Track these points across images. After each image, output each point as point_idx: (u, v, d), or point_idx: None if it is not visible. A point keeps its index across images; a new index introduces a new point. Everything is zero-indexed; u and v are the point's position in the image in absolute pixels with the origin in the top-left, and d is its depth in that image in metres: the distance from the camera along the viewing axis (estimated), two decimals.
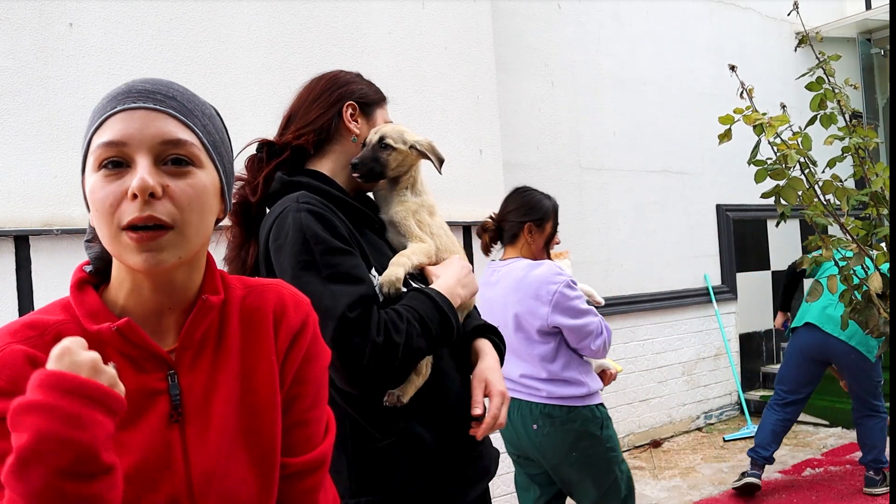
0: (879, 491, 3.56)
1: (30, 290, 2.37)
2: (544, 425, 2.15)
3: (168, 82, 0.81)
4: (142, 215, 0.73)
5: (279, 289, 0.91)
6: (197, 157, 0.78)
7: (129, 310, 0.81)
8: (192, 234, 0.77)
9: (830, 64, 2.22)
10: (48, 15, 2.48)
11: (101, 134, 0.76)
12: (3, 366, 0.72)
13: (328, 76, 1.42)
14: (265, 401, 0.85)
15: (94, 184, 0.75)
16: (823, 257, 2.31)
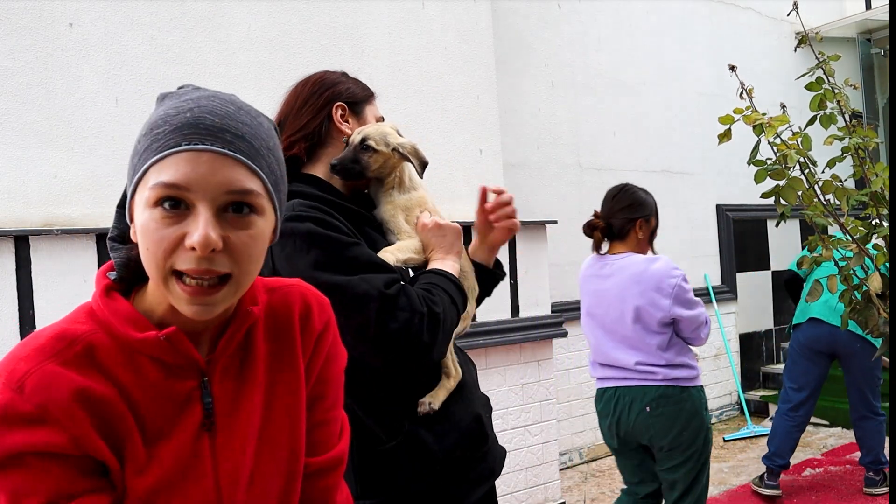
0: (879, 491, 3.56)
1: (30, 290, 2.37)
2: (659, 406, 2.30)
3: (235, 110, 0.74)
4: (199, 268, 0.70)
5: (301, 289, 0.90)
6: (260, 205, 0.74)
7: (167, 322, 0.77)
8: (246, 282, 0.75)
9: (830, 64, 2.22)
10: (48, 15, 2.48)
11: (161, 170, 0.70)
12: (33, 390, 0.68)
13: (314, 79, 1.41)
14: (292, 404, 0.84)
15: (148, 221, 0.71)
16: (823, 257, 2.31)
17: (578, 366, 4.42)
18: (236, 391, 0.81)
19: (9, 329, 2.34)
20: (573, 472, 4.21)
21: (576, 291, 4.45)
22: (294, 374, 0.85)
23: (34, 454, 0.67)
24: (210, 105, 0.73)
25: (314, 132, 1.35)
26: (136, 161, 0.74)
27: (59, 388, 0.69)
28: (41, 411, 0.68)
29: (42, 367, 0.70)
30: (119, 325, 0.75)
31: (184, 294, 0.71)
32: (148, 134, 0.74)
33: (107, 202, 2.57)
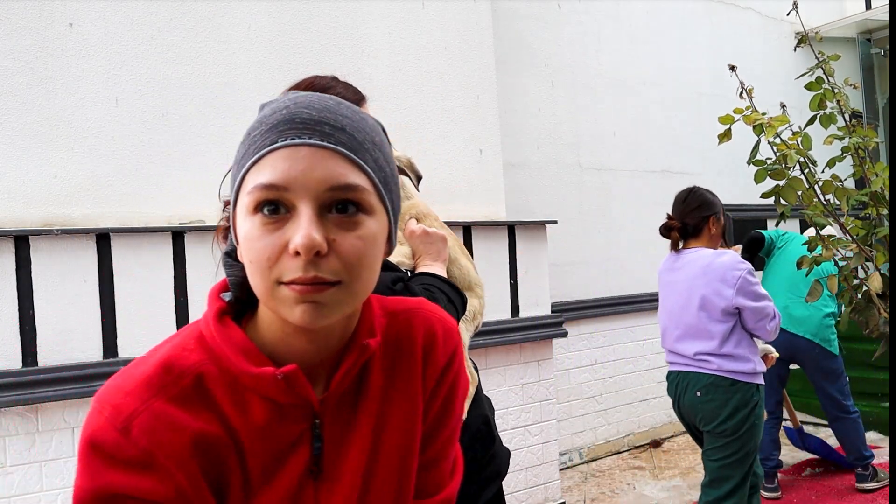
0: (872, 486, 3.59)
1: (30, 290, 2.37)
2: (708, 392, 2.48)
3: (335, 104, 0.68)
4: (306, 276, 0.62)
5: (426, 314, 0.81)
6: (367, 202, 0.66)
7: (279, 355, 0.71)
8: (359, 289, 0.67)
9: (830, 64, 2.22)
10: (48, 15, 2.48)
11: (258, 172, 0.64)
12: (141, 433, 0.64)
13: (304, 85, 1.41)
14: (404, 445, 0.77)
15: (249, 231, 0.64)
16: (823, 257, 2.31)
17: (578, 366, 4.42)
18: (346, 433, 0.74)
19: (9, 329, 2.34)
20: (573, 472, 4.21)
21: (576, 291, 4.47)
22: (411, 411, 0.77)
23: (135, 499, 0.63)
24: (307, 100, 0.67)
25: None
26: (235, 170, 0.69)
27: (167, 432, 0.64)
28: (148, 457, 0.63)
29: (150, 405, 0.65)
30: (233, 358, 0.68)
31: (291, 293, 0.63)
32: (245, 140, 0.68)
33: (107, 202, 2.57)
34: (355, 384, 0.75)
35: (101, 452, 0.64)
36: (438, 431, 0.82)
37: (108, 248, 2.51)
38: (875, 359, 3.20)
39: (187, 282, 2.64)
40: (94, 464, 0.64)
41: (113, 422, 0.64)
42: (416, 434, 0.78)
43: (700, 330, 2.51)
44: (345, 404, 0.74)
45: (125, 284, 2.53)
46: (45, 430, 2.39)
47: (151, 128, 2.66)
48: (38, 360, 2.38)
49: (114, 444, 0.64)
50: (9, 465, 2.33)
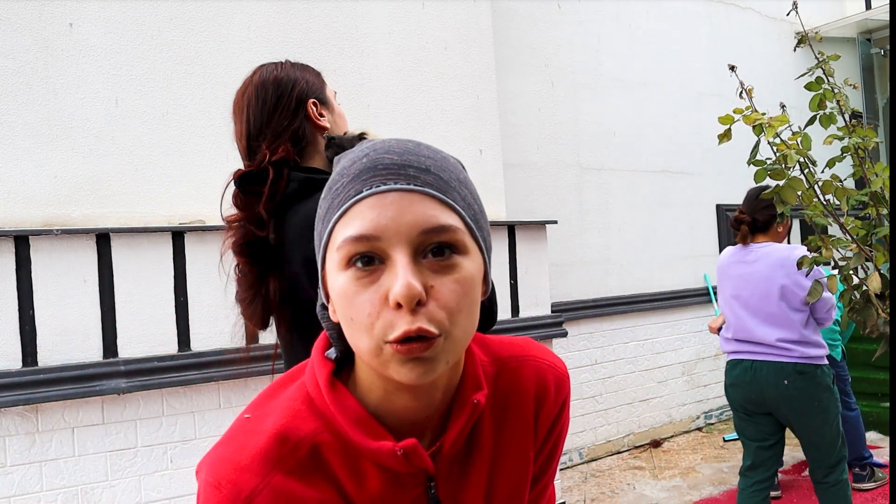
0: (868, 486, 3.59)
1: (30, 290, 2.37)
2: (796, 381, 2.63)
3: (415, 146, 0.66)
4: (411, 328, 0.59)
5: (537, 363, 0.79)
6: (462, 242, 0.63)
7: (382, 414, 0.69)
8: (461, 336, 0.64)
9: (829, 64, 2.22)
10: (48, 15, 2.48)
11: (345, 225, 0.62)
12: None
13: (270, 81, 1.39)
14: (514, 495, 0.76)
15: (345, 286, 0.62)
16: (823, 257, 2.31)
17: (578, 366, 4.42)
18: (459, 491, 0.73)
19: (9, 329, 2.34)
20: (573, 472, 4.21)
21: (576, 291, 4.46)
22: (522, 463, 0.76)
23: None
24: (386, 146, 0.65)
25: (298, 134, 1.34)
26: (321, 226, 0.66)
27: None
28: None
29: (269, 481, 0.63)
30: (349, 429, 0.66)
31: (398, 354, 0.60)
32: (327, 194, 0.66)
33: (107, 202, 2.57)
34: (466, 440, 0.73)
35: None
36: (542, 475, 0.82)
37: (107, 248, 2.51)
38: (875, 359, 3.20)
39: (187, 282, 2.64)
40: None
41: (234, 500, 0.62)
42: (527, 482, 0.77)
43: (781, 318, 2.67)
44: (456, 462, 0.72)
45: (125, 284, 2.53)
46: (44, 430, 2.39)
47: (151, 128, 2.66)
48: (38, 360, 2.38)
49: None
50: (9, 465, 2.33)
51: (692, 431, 4.99)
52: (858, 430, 3.66)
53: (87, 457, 2.43)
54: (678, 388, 4.99)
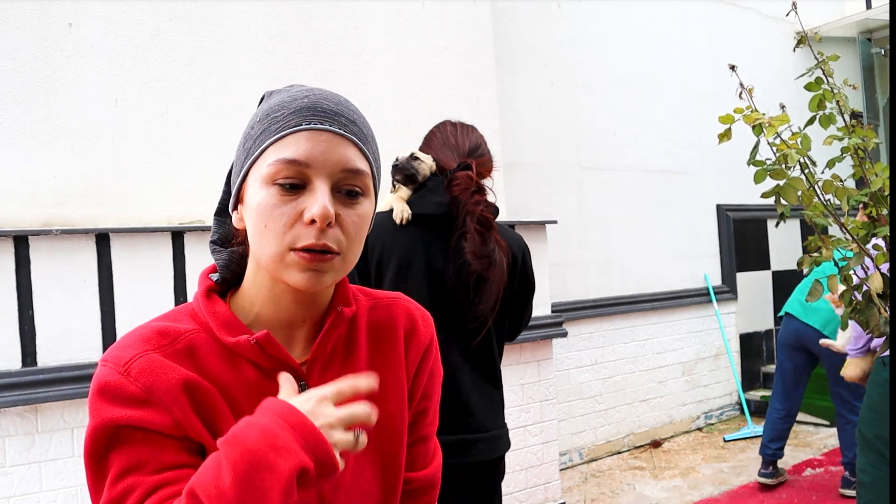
0: (852, 493, 3.56)
1: (29, 290, 2.37)
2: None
3: (346, 101, 0.79)
4: (318, 243, 0.72)
5: (406, 303, 0.92)
6: (367, 186, 0.77)
7: (263, 320, 0.80)
8: (351, 259, 0.77)
9: (829, 64, 2.22)
10: (48, 15, 2.48)
11: (280, 148, 0.74)
12: (140, 372, 0.72)
13: (484, 146, 1.93)
14: (393, 416, 0.85)
15: (266, 199, 0.74)
16: (823, 257, 2.31)
17: (578, 366, 4.42)
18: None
19: (8, 329, 2.34)
20: (573, 472, 4.21)
21: (576, 291, 4.46)
22: (397, 383, 0.86)
23: (140, 429, 0.70)
24: (324, 94, 0.78)
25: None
26: (251, 144, 0.77)
27: (163, 373, 0.72)
28: (147, 393, 0.71)
29: (146, 354, 0.73)
30: (216, 328, 0.78)
31: (299, 261, 0.73)
32: (264, 119, 0.77)
33: (107, 202, 2.57)
34: (342, 354, 0.83)
35: (106, 394, 0.72)
36: (426, 409, 0.91)
37: (107, 249, 2.51)
38: (875, 359, 3.20)
39: (187, 282, 2.64)
40: (101, 405, 0.72)
41: (115, 368, 0.72)
42: (404, 405, 0.86)
43: None
44: (332, 371, 0.81)
45: (125, 284, 2.53)
46: (44, 430, 2.39)
47: (151, 128, 2.66)
48: (38, 361, 2.38)
49: (116, 385, 0.71)
50: (8, 465, 2.33)
51: (692, 431, 4.99)
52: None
53: None
54: (678, 389, 4.98)
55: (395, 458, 0.85)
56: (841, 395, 3.63)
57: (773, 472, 3.78)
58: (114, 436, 0.70)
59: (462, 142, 1.84)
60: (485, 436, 1.71)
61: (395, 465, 0.85)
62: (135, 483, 0.68)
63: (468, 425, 1.67)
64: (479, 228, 1.67)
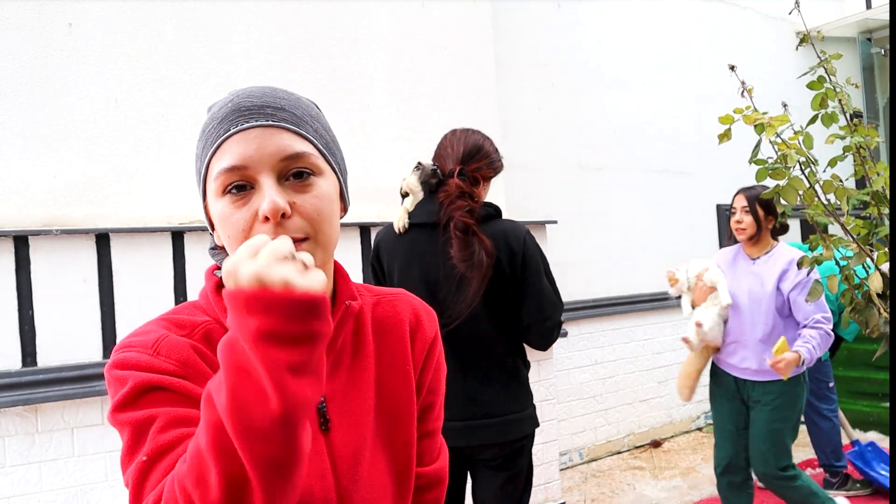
0: (833, 493, 3.54)
1: (29, 290, 2.37)
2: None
3: (271, 90, 0.78)
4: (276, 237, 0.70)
5: (409, 299, 0.93)
6: (316, 165, 0.76)
7: None
8: (325, 241, 0.76)
9: (832, 63, 2.22)
10: (48, 15, 2.48)
11: (219, 159, 0.74)
12: (171, 349, 0.72)
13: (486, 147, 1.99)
14: (402, 409, 0.86)
15: (221, 210, 0.74)
16: (824, 257, 2.31)
17: (578, 366, 4.42)
18: (348, 390, 0.82)
19: (8, 329, 2.34)
20: (573, 472, 4.21)
21: (576, 291, 4.46)
22: (405, 377, 0.86)
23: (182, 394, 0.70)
24: (247, 91, 0.78)
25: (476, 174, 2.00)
26: (199, 164, 0.78)
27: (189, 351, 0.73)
28: (182, 368, 0.71)
29: (170, 336, 0.74)
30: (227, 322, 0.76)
31: None
32: (202, 136, 0.78)
33: (107, 202, 2.56)
34: (351, 348, 0.83)
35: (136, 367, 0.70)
36: (433, 404, 0.92)
37: (107, 248, 2.51)
38: (875, 359, 3.20)
39: (187, 282, 2.63)
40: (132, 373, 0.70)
41: (143, 350, 0.71)
42: (412, 399, 0.87)
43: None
44: (342, 365, 0.82)
45: (125, 284, 2.53)
46: (44, 430, 2.39)
47: (151, 128, 2.66)
48: (38, 361, 2.37)
49: (148, 363, 0.70)
50: (8, 465, 2.32)
51: (692, 431, 4.99)
52: (831, 439, 3.57)
53: (86, 457, 2.43)
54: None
55: (406, 451, 0.85)
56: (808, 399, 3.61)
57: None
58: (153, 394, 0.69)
59: (457, 148, 1.93)
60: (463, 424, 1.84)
61: (407, 458, 0.85)
62: (183, 435, 0.66)
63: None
64: (458, 234, 1.79)
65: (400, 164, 3.15)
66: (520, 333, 1.93)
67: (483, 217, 1.86)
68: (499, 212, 1.93)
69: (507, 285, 1.86)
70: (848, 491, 3.55)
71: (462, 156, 1.92)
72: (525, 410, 1.92)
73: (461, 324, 1.81)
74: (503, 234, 1.87)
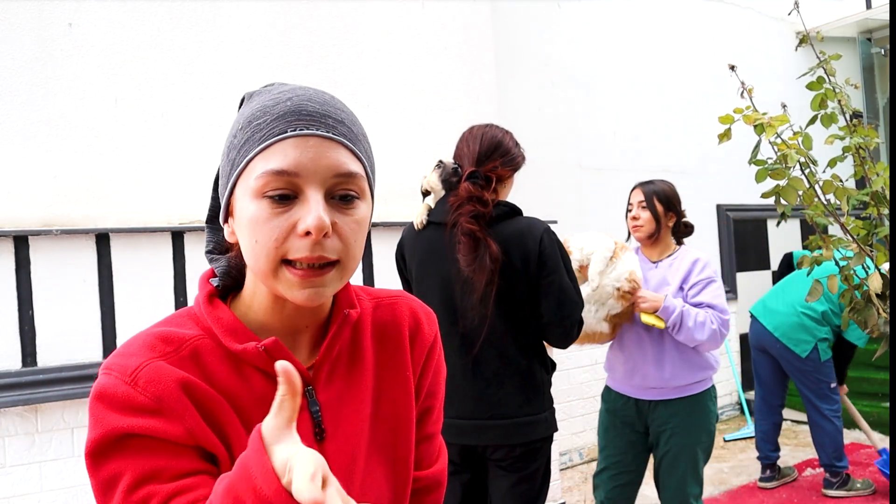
0: (834, 493, 3.55)
1: (29, 290, 2.37)
2: None
3: (331, 98, 0.75)
4: (313, 255, 0.69)
5: (409, 302, 0.90)
6: (363, 189, 0.73)
7: (267, 327, 0.77)
8: (351, 266, 0.74)
9: (831, 63, 2.22)
10: (48, 15, 2.48)
11: (266, 158, 0.69)
12: (148, 382, 0.68)
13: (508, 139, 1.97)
14: (401, 414, 0.84)
15: (257, 213, 0.69)
16: (824, 257, 2.31)
17: (578, 366, 4.42)
18: (343, 398, 0.80)
19: (8, 329, 2.34)
20: (573, 472, 4.21)
21: None
22: (403, 383, 0.85)
23: (154, 438, 0.67)
24: (308, 94, 0.73)
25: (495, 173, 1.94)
26: (235, 155, 0.73)
27: (169, 381, 0.69)
28: (157, 403, 0.68)
29: (153, 362, 0.70)
30: (222, 335, 0.75)
31: (295, 279, 0.70)
32: (246, 127, 0.72)
33: (107, 202, 2.57)
34: (348, 356, 0.81)
35: (112, 403, 0.68)
36: (432, 407, 0.91)
37: (107, 248, 2.51)
38: (875, 359, 3.21)
39: (187, 282, 2.63)
40: (107, 414, 0.68)
41: (121, 377, 0.69)
42: (411, 404, 0.85)
43: None
44: (337, 374, 0.80)
45: (125, 284, 2.53)
46: (44, 430, 2.39)
47: (151, 128, 2.66)
48: (38, 361, 2.37)
49: (124, 395, 0.68)
50: (8, 465, 2.32)
51: None
52: (833, 438, 3.57)
53: None
54: None
55: (404, 456, 0.84)
56: (807, 396, 3.62)
57: (773, 475, 3.77)
58: (124, 444, 0.67)
59: (473, 147, 1.93)
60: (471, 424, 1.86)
61: (404, 464, 0.84)
62: (152, 492, 0.65)
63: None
64: (464, 238, 1.81)
65: (400, 165, 3.15)
66: (539, 332, 1.91)
67: (498, 217, 1.85)
68: (516, 210, 1.91)
69: (521, 285, 1.85)
70: (849, 491, 3.55)
71: (478, 155, 1.91)
72: (539, 414, 1.88)
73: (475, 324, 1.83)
74: (518, 233, 1.85)
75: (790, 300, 3.63)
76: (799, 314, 3.57)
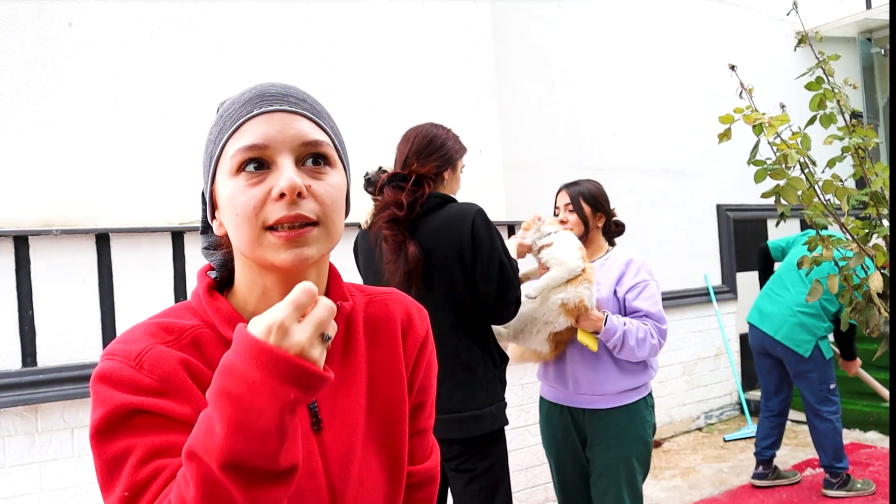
0: (834, 494, 3.55)
1: (29, 290, 2.37)
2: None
3: (293, 85, 0.81)
4: (290, 214, 0.72)
5: (401, 298, 0.93)
6: (331, 156, 0.78)
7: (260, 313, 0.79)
8: (333, 230, 0.77)
9: (829, 63, 2.22)
10: (48, 15, 2.48)
11: (238, 138, 0.75)
12: (154, 364, 0.71)
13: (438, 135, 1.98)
14: (394, 408, 0.86)
15: (234, 188, 0.74)
16: (823, 257, 2.31)
17: None
18: (338, 390, 0.82)
19: (8, 329, 2.34)
20: None
21: None
22: (396, 377, 0.87)
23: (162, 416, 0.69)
24: (271, 82, 0.80)
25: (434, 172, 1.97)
26: (212, 147, 0.78)
27: (174, 362, 0.72)
28: (163, 384, 0.70)
29: (155, 347, 0.73)
30: (220, 325, 0.78)
31: (278, 241, 0.73)
32: (218, 121, 0.78)
33: (107, 202, 2.57)
34: (341, 348, 0.84)
35: (118, 383, 0.70)
36: (424, 402, 0.92)
37: (107, 248, 2.51)
38: (875, 359, 3.20)
39: (187, 282, 2.64)
40: (112, 392, 0.69)
41: (126, 362, 0.71)
42: (404, 398, 0.87)
43: None
44: (332, 365, 0.81)
45: (125, 284, 2.53)
46: (44, 430, 2.39)
47: (151, 128, 2.66)
48: (38, 361, 2.38)
49: (130, 377, 0.70)
50: (8, 465, 2.33)
51: (692, 431, 4.99)
52: (832, 439, 3.58)
53: (86, 457, 2.43)
54: (678, 388, 4.99)
55: (398, 449, 0.86)
56: (807, 399, 3.63)
57: (766, 472, 3.78)
58: (133, 420, 0.68)
59: (403, 150, 1.98)
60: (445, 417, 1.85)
61: (399, 457, 0.86)
62: (162, 466, 0.66)
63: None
64: (383, 244, 1.90)
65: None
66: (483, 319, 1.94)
67: (430, 209, 1.91)
68: (447, 199, 1.95)
69: (457, 272, 1.88)
70: (849, 491, 3.56)
71: (406, 157, 1.96)
72: (483, 408, 1.86)
73: None
74: (450, 219, 1.90)
75: (785, 302, 3.64)
76: (796, 314, 3.58)
